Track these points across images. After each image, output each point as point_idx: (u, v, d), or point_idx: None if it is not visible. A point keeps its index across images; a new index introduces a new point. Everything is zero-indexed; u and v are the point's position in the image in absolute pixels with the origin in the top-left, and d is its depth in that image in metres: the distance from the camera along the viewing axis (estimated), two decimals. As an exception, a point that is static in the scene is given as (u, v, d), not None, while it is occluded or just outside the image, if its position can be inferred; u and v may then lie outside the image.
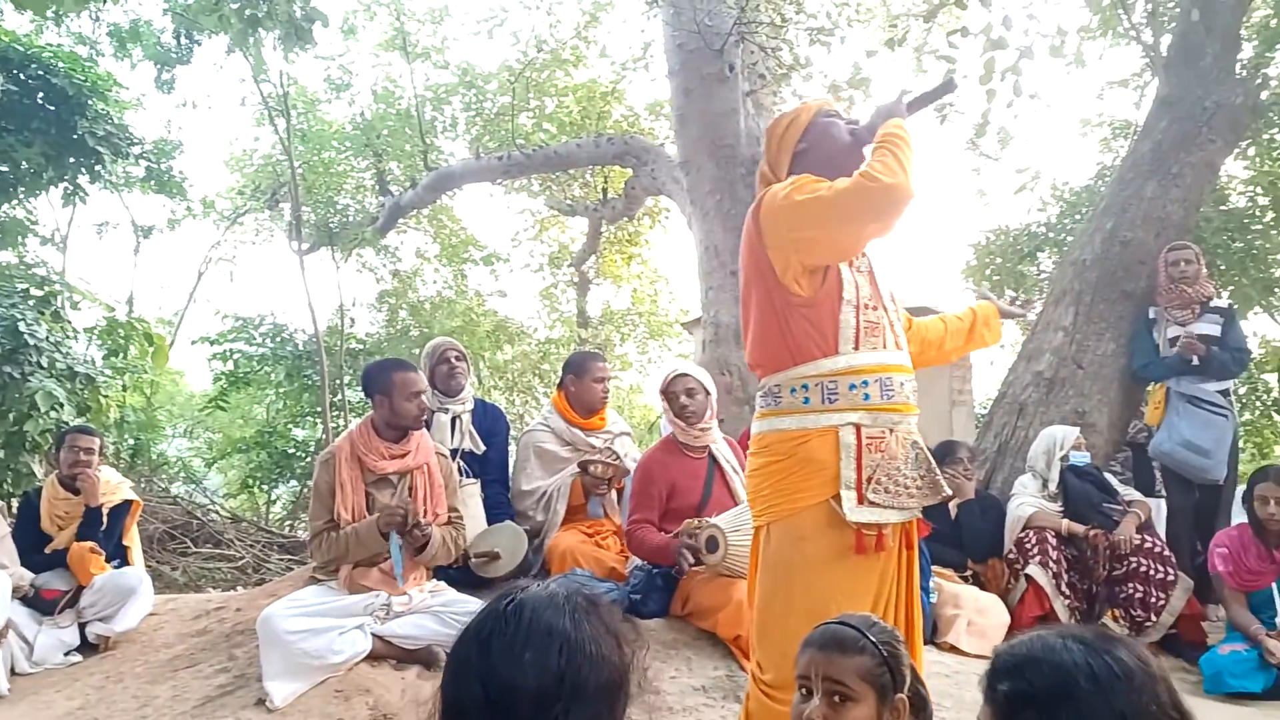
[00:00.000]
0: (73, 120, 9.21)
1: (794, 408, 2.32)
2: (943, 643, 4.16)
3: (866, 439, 2.27)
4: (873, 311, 2.37)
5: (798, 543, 2.27)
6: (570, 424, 4.81)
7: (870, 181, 2.19)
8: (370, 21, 12.71)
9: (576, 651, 1.23)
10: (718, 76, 7.20)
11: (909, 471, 2.30)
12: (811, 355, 2.31)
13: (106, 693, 3.77)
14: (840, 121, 2.52)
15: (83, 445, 4.70)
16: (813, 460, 2.26)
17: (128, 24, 12.71)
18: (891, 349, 2.39)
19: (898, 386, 2.35)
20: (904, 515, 2.31)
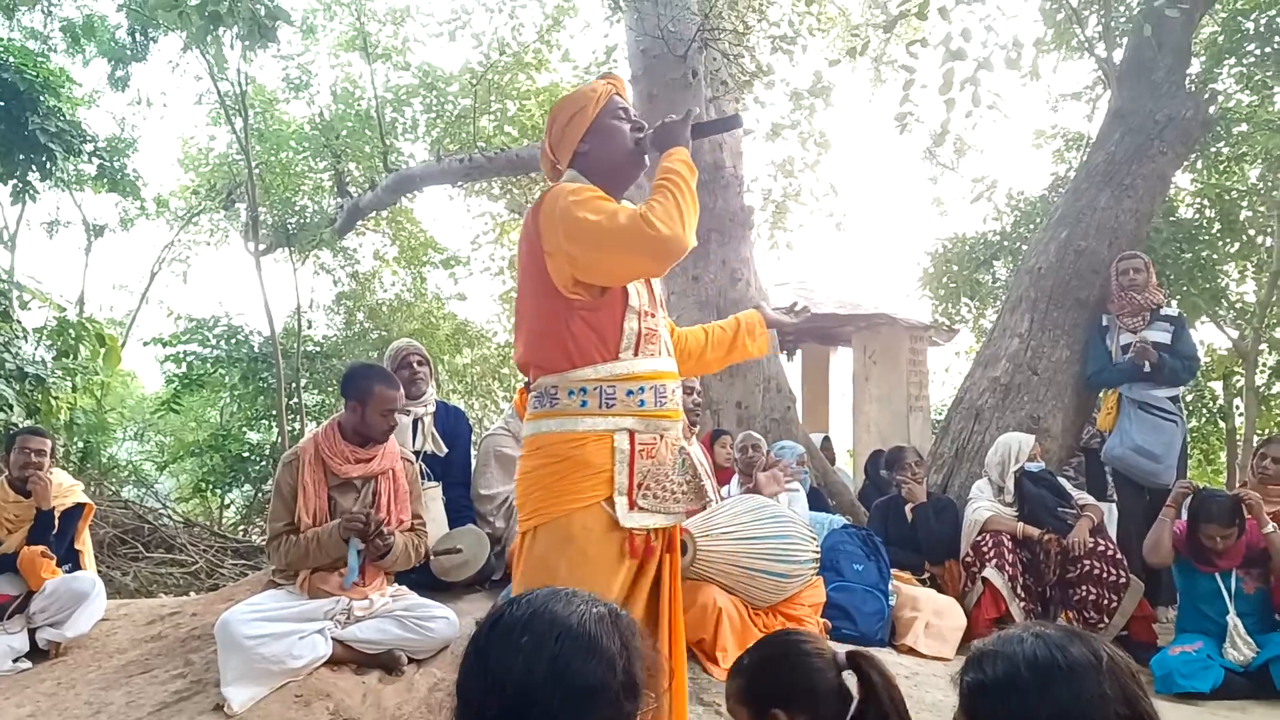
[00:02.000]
0: (23, 116, 9.02)
1: (570, 410, 2.28)
2: (901, 645, 4.21)
3: (639, 445, 2.28)
4: (651, 319, 2.36)
5: (565, 544, 2.23)
6: None
7: (649, 229, 2.14)
8: (330, 21, 12.60)
9: (573, 643, 1.24)
10: (681, 82, 7.24)
11: (676, 477, 2.33)
12: (591, 359, 2.28)
13: (58, 700, 3.69)
14: (625, 126, 2.45)
15: (34, 447, 4.61)
16: (588, 464, 2.24)
17: (81, 19, 12.46)
18: (664, 356, 2.40)
19: (670, 394, 2.36)
20: (670, 520, 2.33)
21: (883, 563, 4.54)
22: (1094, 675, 1.33)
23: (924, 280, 10.14)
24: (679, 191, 2.23)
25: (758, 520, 3.70)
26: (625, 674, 1.26)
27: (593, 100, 2.43)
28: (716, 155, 7.21)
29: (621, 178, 2.44)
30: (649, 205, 2.19)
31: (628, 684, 1.26)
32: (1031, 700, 1.34)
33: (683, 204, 2.21)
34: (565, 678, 1.22)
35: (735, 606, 3.56)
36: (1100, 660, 1.35)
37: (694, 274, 6.88)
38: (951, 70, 6.26)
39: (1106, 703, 1.32)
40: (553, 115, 2.51)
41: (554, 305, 2.30)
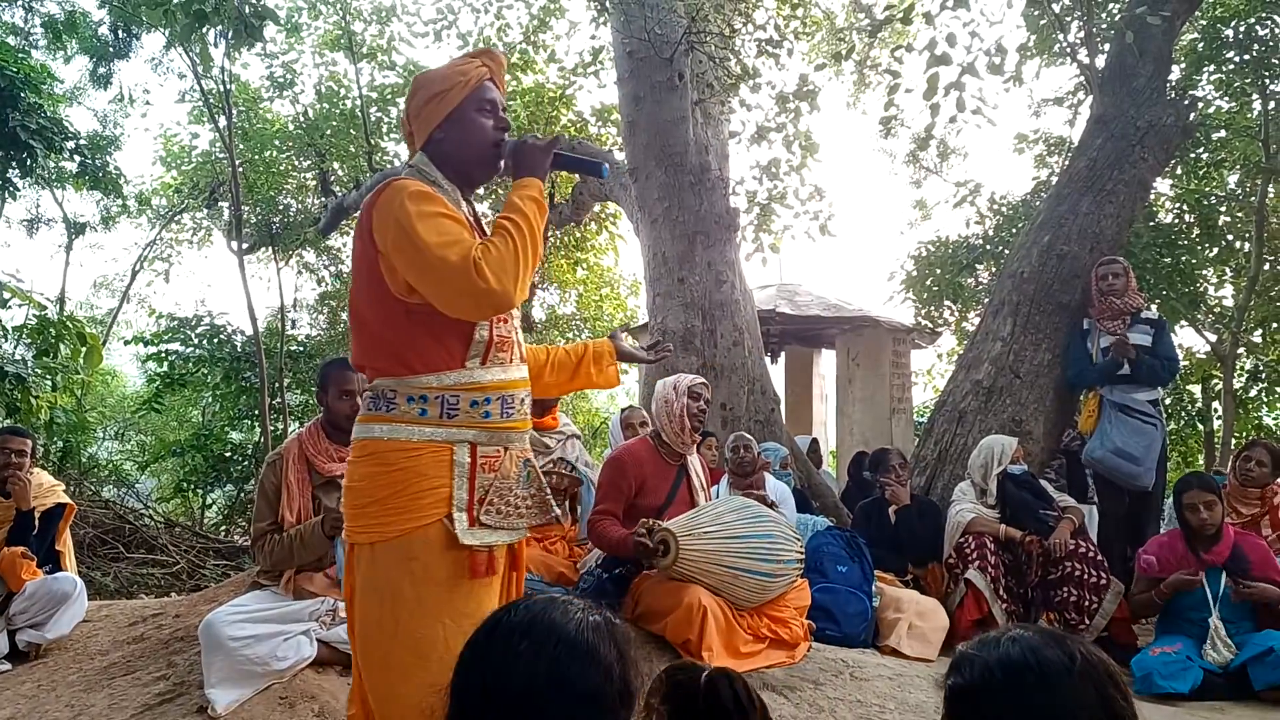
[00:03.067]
0: (3, 113, 8.96)
1: (408, 418, 2.12)
2: (884, 646, 4.23)
3: (481, 458, 2.14)
4: (504, 325, 2.21)
5: (407, 564, 2.07)
6: None
7: (477, 277, 1.97)
8: (315, 20, 12.55)
9: (570, 650, 1.25)
10: (667, 85, 7.27)
11: (520, 491, 2.20)
12: (434, 366, 2.13)
13: (39, 702, 3.65)
14: (488, 123, 2.25)
15: (14, 447, 4.57)
16: (424, 476, 2.09)
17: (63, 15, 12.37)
18: (516, 364, 2.26)
19: (518, 404, 2.23)
20: (514, 536, 2.21)
21: (866, 564, 4.56)
22: (1067, 678, 1.33)
23: (907, 283, 10.20)
24: (521, 238, 2.07)
25: (742, 520, 3.71)
26: (621, 681, 1.28)
27: (459, 85, 2.23)
28: (703, 158, 7.24)
29: (472, 177, 2.29)
30: (485, 247, 2.02)
31: (623, 691, 1.28)
32: (1006, 703, 1.35)
33: (522, 253, 2.06)
34: (564, 684, 1.23)
35: (720, 607, 3.57)
36: (1075, 662, 1.35)
37: (679, 276, 6.91)
38: (936, 75, 6.30)
39: (1081, 706, 1.33)
40: (415, 86, 2.31)
41: (391, 308, 2.13)
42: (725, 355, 6.75)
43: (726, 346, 6.77)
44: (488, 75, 2.28)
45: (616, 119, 10.65)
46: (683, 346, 6.72)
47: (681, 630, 3.50)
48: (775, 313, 10.12)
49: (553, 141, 2.26)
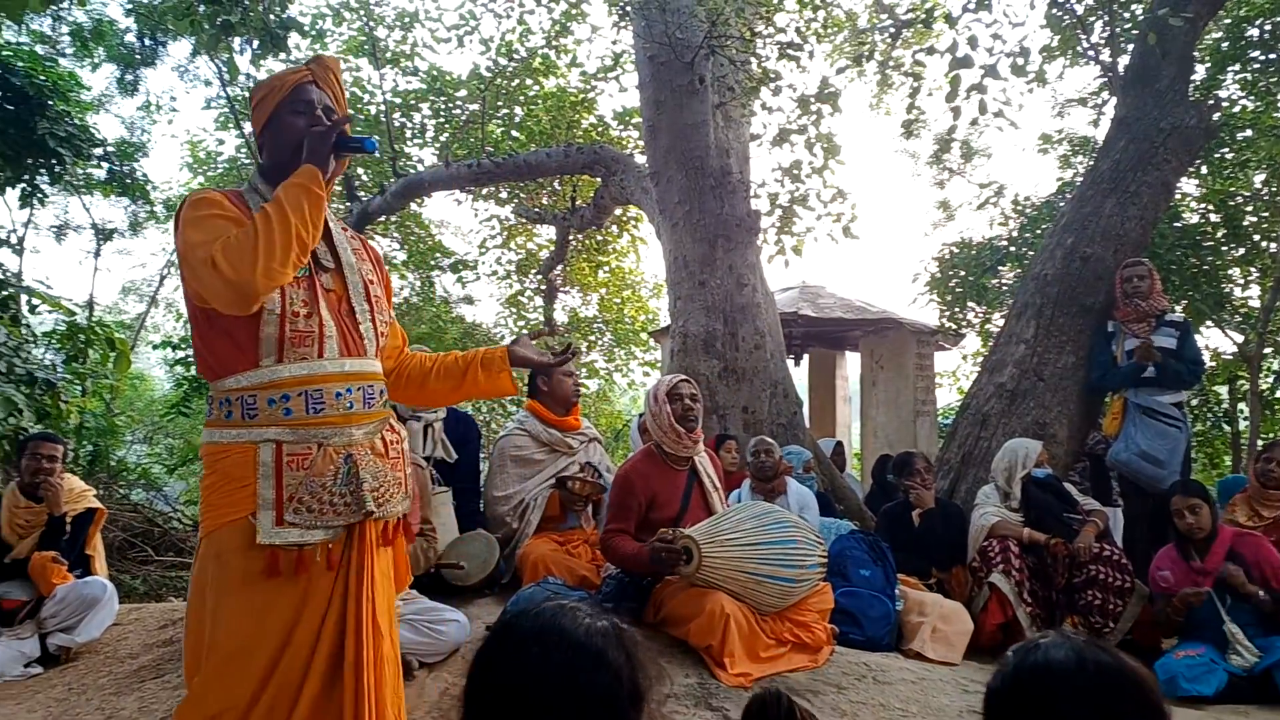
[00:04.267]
0: (32, 120, 9.06)
1: (219, 421, 2.15)
2: (908, 649, 4.23)
3: (288, 456, 2.11)
4: (305, 320, 2.15)
5: (213, 560, 2.10)
6: (548, 424, 4.84)
7: (214, 271, 1.98)
8: (338, 26, 12.65)
9: (581, 656, 1.28)
10: (688, 89, 7.29)
11: (336, 488, 2.14)
12: (232, 368, 2.13)
13: (69, 705, 3.72)
14: (300, 122, 2.23)
15: (46, 453, 4.64)
16: (230, 477, 2.10)
17: (90, 24, 12.52)
18: (331, 358, 2.18)
19: (331, 399, 2.16)
20: (327, 534, 2.13)
21: (889, 568, 4.56)
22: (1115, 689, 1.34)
23: (931, 285, 10.17)
24: (265, 226, 2.02)
25: (763, 526, 3.72)
26: (630, 684, 1.30)
27: (274, 91, 2.26)
28: (724, 161, 7.25)
29: (283, 172, 2.20)
30: (225, 239, 2.02)
31: (633, 694, 1.30)
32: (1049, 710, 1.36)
33: (264, 239, 2.01)
34: (575, 689, 1.26)
35: (743, 613, 3.58)
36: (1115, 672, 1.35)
37: (700, 279, 6.92)
38: (958, 78, 6.28)
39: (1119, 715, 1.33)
40: (252, 95, 2.36)
41: (195, 316, 2.17)
42: (747, 358, 6.75)
43: (748, 350, 6.77)
44: (307, 79, 2.28)
45: (638, 123, 10.69)
46: (704, 350, 6.73)
47: (704, 635, 3.52)
48: (798, 315, 10.10)
49: (331, 127, 2.20)
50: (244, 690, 2.01)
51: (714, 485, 4.11)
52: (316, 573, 2.11)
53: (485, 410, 13.56)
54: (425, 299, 14.30)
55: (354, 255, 2.34)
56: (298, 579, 2.09)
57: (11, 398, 6.56)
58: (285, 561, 2.07)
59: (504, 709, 1.27)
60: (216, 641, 2.05)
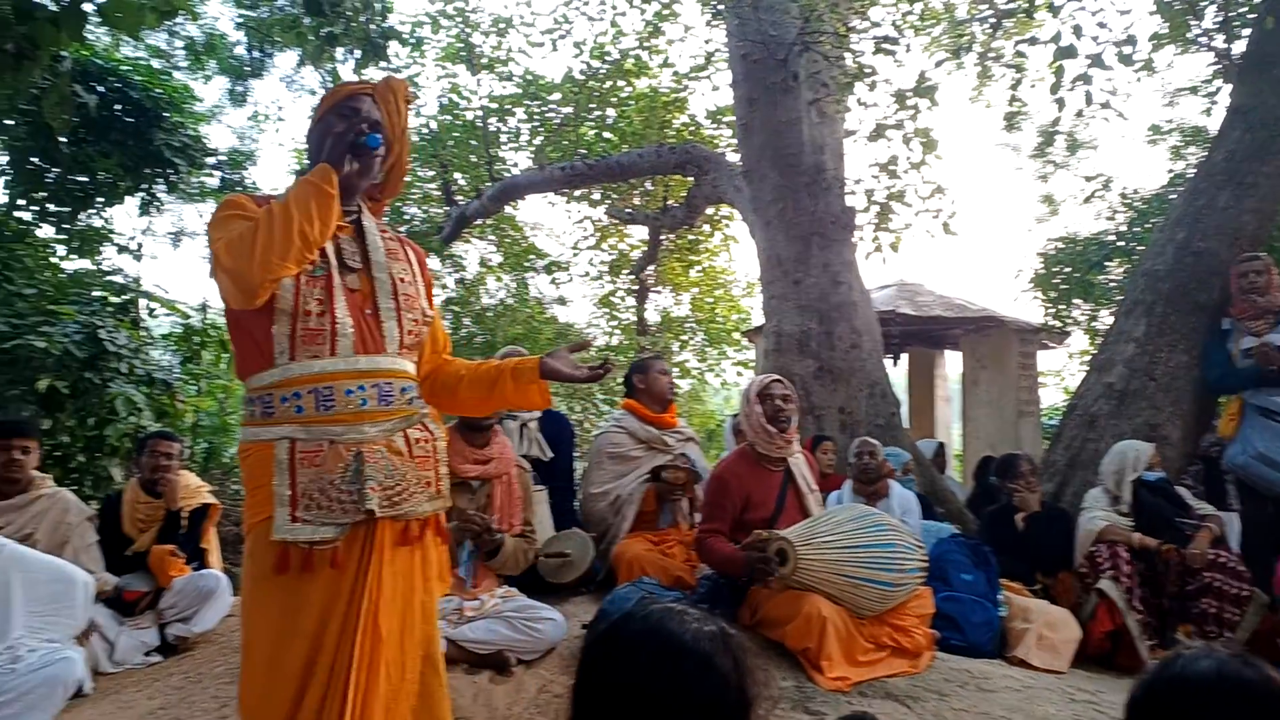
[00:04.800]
0: (149, 132, 9.47)
1: (246, 420, 2.23)
2: (1012, 656, 4.12)
3: (300, 453, 2.13)
4: (317, 318, 2.16)
5: (249, 556, 2.18)
6: (645, 421, 4.88)
7: (218, 265, 2.07)
8: (436, 34, 12.92)
9: (689, 660, 1.27)
10: (781, 86, 7.23)
11: (344, 485, 2.14)
12: (253, 368, 2.20)
13: (186, 693, 3.86)
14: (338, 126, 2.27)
15: (163, 450, 4.81)
16: (253, 475, 2.17)
17: (203, 38, 13.05)
18: (344, 356, 2.18)
19: (341, 396, 2.16)
20: (334, 532, 2.13)
21: (992, 573, 4.45)
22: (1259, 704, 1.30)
23: (1035, 281, 9.90)
24: (268, 220, 2.06)
25: (862, 529, 3.68)
26: (738, 690, 1.29)
27: (330, 97, 2.35)
28: (818, 158, 7.18)
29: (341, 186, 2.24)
30: (229, 235, 2.09)
31: (741, 700, 1.29)
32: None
33: (264, 235, 2.05)
34: (682, 694, 1.25)
35: (840, 616, 3.54)
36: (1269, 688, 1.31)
37: (795, 278, 6.86)
38: (1062, 68, 6.09)
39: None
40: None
41: (228, 319, 2.27)
42: (843, 358, 6.66)
43: (844, 349, 6.68)
44: (365, 92, 2.35)
45: (730, 121, 10.64)
46: (799, 349, 6.67)
47: (801, 639, 3.49)
48: (895, 314, 9.93)
49: (347, 129, 2.23)
50: (284, 689, 2.06)
51: (809, 487, 4.07)
52: (336, 573, 2.13)
53: (579, 409, 13.68)
54: (520, 300, 14.51)
55: (387, 255, 2.35)
56: (316, 579, 2.11)
57: (132, 397, 6.87)
58: (295, 558, 2.09)
59: (611, 711, 1.28)
60: (251, 636, 2.13)
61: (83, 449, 6.93)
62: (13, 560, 3.85)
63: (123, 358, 7.01)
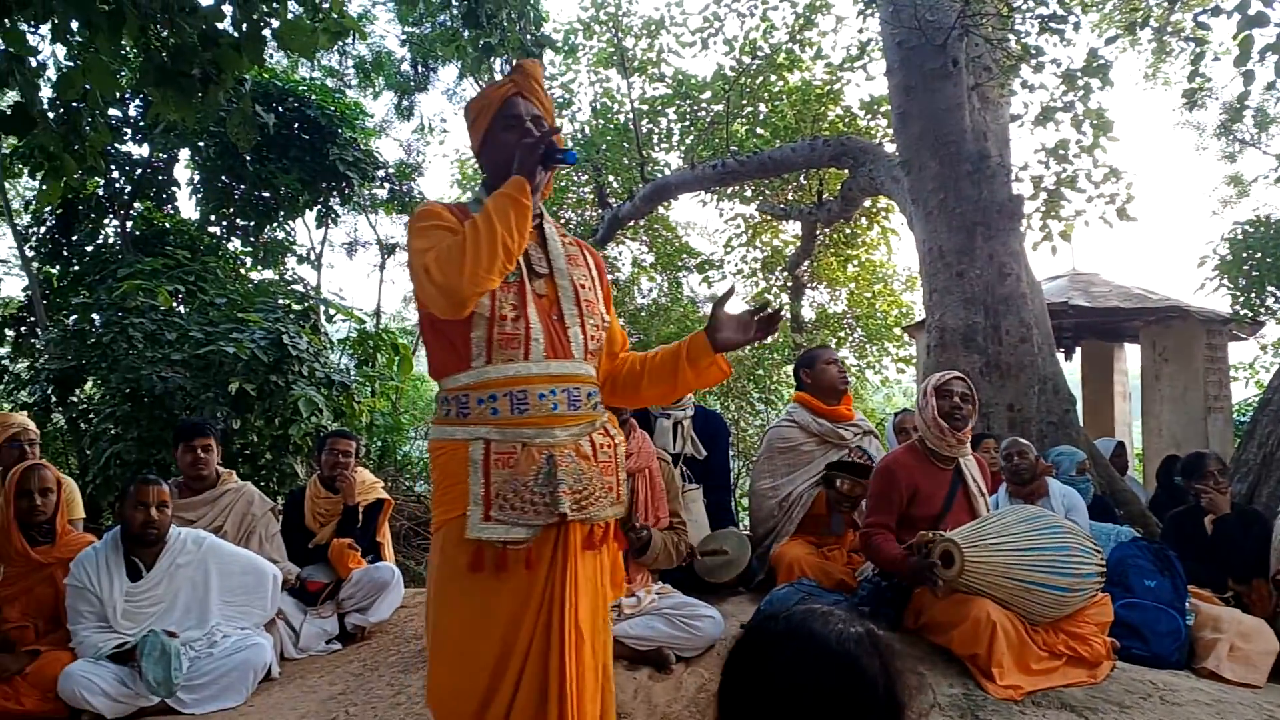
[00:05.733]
0: (325, 148, 10.01)
1: (440, 419, 2.28)
2: (1202, 668, 3.84)
3: (495, 454, 2.17)
4: (512, 323, 2.21)
5: (437, 554, 2.24)
6: (817, 415, 4.79)
7: (426, 276, 2.09)
8: (589, 40, 13.14)
9: (834, 663, 1.24)
10: (940, 72, 7.00)
11: (536, 488, 2.16)
12: (450, 369, 2.25)
13: (364, 680, 4.02)
14: (510, 137, 2.31)
15: (341, 448, 5.06)
16: (447, 473, 2.21)
17: (371, 56, 13.69)
18: (536, 360, 2.22)
19: (534, 400, 2.20)
20: (526, 533, 2.16)
21: (1179, 579, 4.17)
22: None
23: (1222, 268, 9.22)
24: (473, 235, 2.10)
25: (1033, 531, 3.50)
26: (887, 694, 1.24)
27: (484, 109, 2.37)
28: (981, 145, 6.91)
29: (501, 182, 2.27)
30: (438, 248, 2.12)
31: (890, 705, 1.24)
32: None
33: (471, 247, 2.08)
34: (827, 696, 1.22)
35: (1011, 621, 3.39)
36: None
37: (958, 270, 6.63)
38: (1249, 38, 5.63)
39: None
40: (464, 115, 2.47)
41: (423, 323, 2.32)
42: (1011, 353, 6.39)
43: (1013, 343, 6.41)
44: (512, 91, 2.36)
45: (886, 111, 10.39)
46: (964, 344, 6.44)
47: (969, 644, 3.36)
48: (1068, 305, 9.46)
49: (539, 140, 2.24)
50: (474, 684, 2.12)
51: (980, 489, 3.92)
52: (529, 575, 2.18)
53: (733, 408, 13.63)
54: (673, 299, 14.58)
55: (568, 261, 2.39)
56: (509, 579, 2.16)
57: (313, 399, 7.25)
58: (489, 557, 2.15)
59: (755, 712, 1.26)
60: (442, 632, 2.20)
61: (269, 447, 7.36)
62: (211, 553, 4.14)
63: (304, 361, 7.39)
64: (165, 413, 6.92)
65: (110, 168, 9.46)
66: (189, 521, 4.45)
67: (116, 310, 7.32)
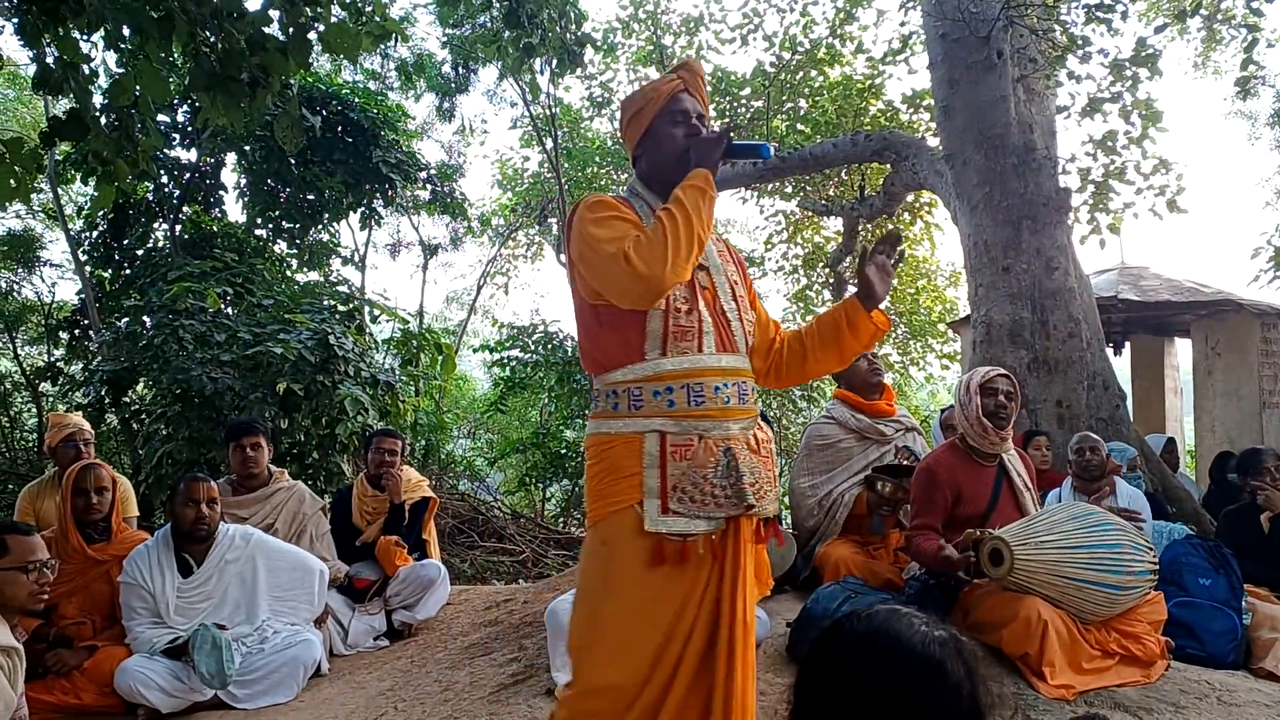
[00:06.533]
0: (368, 150, 10.11)
1: (606, 412, 2.26)
2: (1259, 668, 3.76)
3: (671, 446, 2.17)
4: (685, 315, 2.22)
5: (602, 548, 2.20)
6: (856, 410, 4.74)
7: (626, 264, 2.07)
8: (628, 39, 13.14)
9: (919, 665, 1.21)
10: (984, 64, 6.90)
11: (717, 480, 2.16)
12: (619, 361, 2.23)
13: (412, 676, 4.08)
14: (678, 132, 2.33)
15: (387, 447, 5.14)
16: (618, 467, 2.19)
17: (413, 59, 13.80)
18: (709, 353, 2.23)
19: (710, 392, 2.21)
20: (709, 525, 2.16)
21: (1234, 577, 4.08)
22: None
23: (1276, 260, 9.00)
24: (671, 224, 2.12)
25: (1084, 528, 3.45)
26: (970, 701, 1.21)
27: (650, 103, 2.36)
28: (1026, 137, 6.81)
29: (667, 182, 2.30)
30: (637, 237, 2.13)
31: (973, 712, 1.21)
32: None
33: (673, 238, 2.10)
34: (908, 699, 1.19)
35: (1063, 620, 3.33)
36: None
37: (1004, 264, 6.54)
38: (1308, 21, 5.50)
39: None
40: (621, 109, 2.46)
41: (585, 314, 2.31)
42: (1059, 348, 6.29)
43: (1060, 338, 6.31)
44: (680, 87, 2.36)
45: (929, 105, 10.27)
46: (1010, 340, 6.35)
47: (1020, 643, 3.31)
48: (1117, 299, 9.29)
49: (723, 133, 2.26)
50: (634, 674, 2.12)
51: (1025, 485, 3.85)
52: (697, 564, 2.17)
53: (775, 406, 13.57)
54: (714, 297, 14.54)
55: (719, 257, 2.41)
56: (684, 570, 2.16)
57: (359, 398, 7.33)
58: (670, 550, 2.14)
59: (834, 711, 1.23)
60: (608, 622, 2.17)
61: (316, 446, 7.46)
62: (258, 548, 4.20)
63: (350, 361, 7.48)
64: (215, 413, 7.04)
65: (160, 172, 9.62)
66: (241, 519, 4.53)
67: (167, 312, 7.46)
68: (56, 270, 12.64)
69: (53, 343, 11.15)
